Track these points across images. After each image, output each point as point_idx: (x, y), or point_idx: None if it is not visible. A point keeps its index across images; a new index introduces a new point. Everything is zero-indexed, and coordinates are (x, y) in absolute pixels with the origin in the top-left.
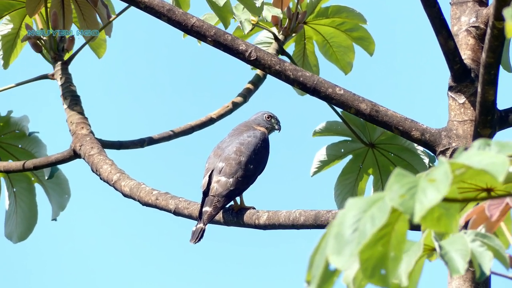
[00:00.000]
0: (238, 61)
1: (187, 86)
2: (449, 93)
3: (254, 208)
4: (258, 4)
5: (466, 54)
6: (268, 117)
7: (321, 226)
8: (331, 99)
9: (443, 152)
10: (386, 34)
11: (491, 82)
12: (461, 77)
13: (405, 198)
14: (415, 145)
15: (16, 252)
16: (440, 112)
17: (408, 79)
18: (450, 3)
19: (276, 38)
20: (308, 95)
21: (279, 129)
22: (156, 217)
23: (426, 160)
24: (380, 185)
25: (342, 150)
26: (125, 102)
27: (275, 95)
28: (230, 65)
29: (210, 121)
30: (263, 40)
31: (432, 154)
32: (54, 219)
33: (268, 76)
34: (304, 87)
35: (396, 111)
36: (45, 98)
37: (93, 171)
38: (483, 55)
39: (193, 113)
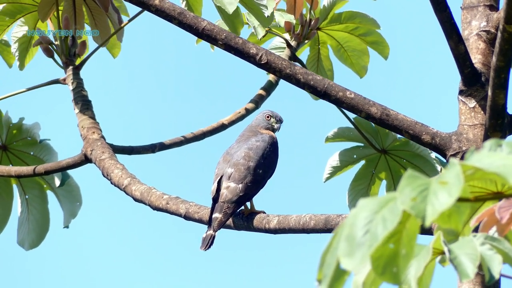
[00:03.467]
0: (250, 66)
1: (199, 91)
2: (460, 97)
3: (264, 213)
4: (267, 14)
5: (476, 58)
6: (267, 117)
7: (332, 230)
8: (341, 103)
9: (453, 156)
10: (397, 39)
11: (502, 85)
12: (472, 81)
13: (417, 201)
14: (428, 151)
15: (28, 259)
16: (450, 116)
17: (419, 83)
18: (461, 7)
19: (288, 44)
20: (319, 105)
21: (278, 129)
22: (167, 222)
23: (439, 167)
24: (393, 190)
25: (355, 156)
26: (136, 107)
27: (287, 101)
28: (242, 70)
29: (222, 127)
30: (276, 45)
31: (445, 161)
32: (66, 227)
33: (280, 82)
34: (315, 91)
35: (407, 115)
36: (56, 103)
37: (104, 176)
38: (494, 58)
39: (205, 119)
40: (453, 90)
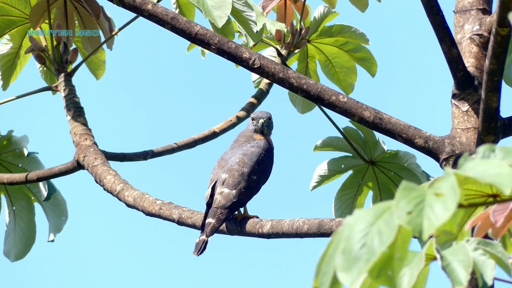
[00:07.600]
0: (242, 74)
1: (192, 98)
2: (453, 100)
3: (257, 217)
4: (256, 29)
5: (469, 62)
6: (252, 120)
7: (325, 234)
8: (334, 107)
9: (446, 160)
10: (390, 42)
11: (495, 89)
12: (465, 85)
13: (413, 215)
14: (415, 165)
15: (15, 270)
16: (443, 120)
17: (411, 87)
18: (453, 11)
19: (279, 53)
20: (309, 113)
21: (261, 127)
22: (160, 227)
23: (425, 181)
24: (379, 201)
25: (343, 166)
26: (128, 114)
27: (279, 109)
28: (234, 77)
29: (213, 135)
30: (267, 55)
31: (432, 176)
32: (51, 241)
33: (271, 90)
34: (308, 95)
35: (400, 119)
36: (48, 110)
37: (96, 182)
38: (487, 62)
39: (197, 125)
40: (446, 94)
